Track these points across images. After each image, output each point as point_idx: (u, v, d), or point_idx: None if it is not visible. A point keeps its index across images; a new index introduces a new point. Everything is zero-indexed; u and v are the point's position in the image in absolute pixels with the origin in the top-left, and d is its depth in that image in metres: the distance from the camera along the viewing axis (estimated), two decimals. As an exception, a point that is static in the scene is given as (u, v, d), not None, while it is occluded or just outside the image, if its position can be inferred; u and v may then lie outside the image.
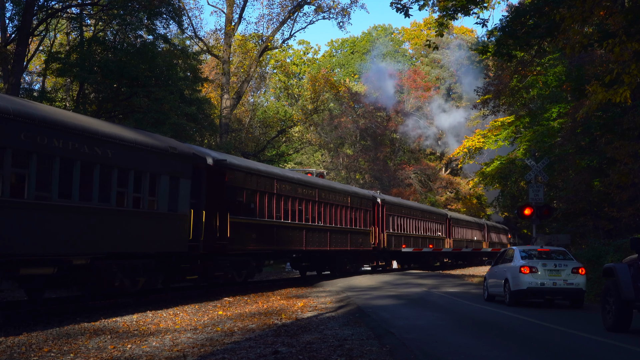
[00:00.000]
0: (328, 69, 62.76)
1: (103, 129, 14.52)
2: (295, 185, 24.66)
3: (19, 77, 25.93)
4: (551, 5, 18.40)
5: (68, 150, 13.10)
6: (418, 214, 40.30)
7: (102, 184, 14.29)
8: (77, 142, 13.35)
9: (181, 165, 16.98)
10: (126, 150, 14.89)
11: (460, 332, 12.07)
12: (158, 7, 29.66)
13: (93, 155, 13.86)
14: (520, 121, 37.45)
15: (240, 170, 20.71)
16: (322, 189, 27.27)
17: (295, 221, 24.46)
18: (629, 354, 10.02)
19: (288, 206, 23.99)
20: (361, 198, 31.81)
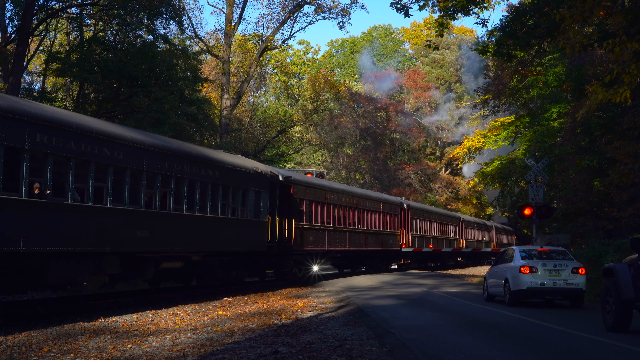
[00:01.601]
0: (328, 69, 62.75)
1: (213, 155, 19.47)
2: (340, 195, 29.16)
3: (19, 77, 25.93)
4: (551, 5, 18.39)
5: (194, 173, 17.70)
6: (436, 218, 43.93)
7: (212, 197, 18.49)
8: (201, 168, 18.09)
9: (262, 181, 21.41)
10: (228, 172, 19.41)
11: (460, 332, 12.07)
12: (158, 7, 29.65)
13: (208, 176, 18.32)
14: (520, 121, 37.44)
15: (301, 184, 25.30)
16: (360, 197, 31.55)
17: (341, 225, 28.91)
18: (629, 354, 10.02)
19: (335, 213, 28.37)
20: (391, 204, 35.74)
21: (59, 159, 13.22)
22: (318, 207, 26.59)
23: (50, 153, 12.87)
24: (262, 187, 21.35)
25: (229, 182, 19.34)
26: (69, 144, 13.33)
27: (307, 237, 25.30)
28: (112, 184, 14.64)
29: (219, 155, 19.71)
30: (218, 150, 21.40)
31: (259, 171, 21.29)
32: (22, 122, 12.16)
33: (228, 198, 19.35)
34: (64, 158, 13.30)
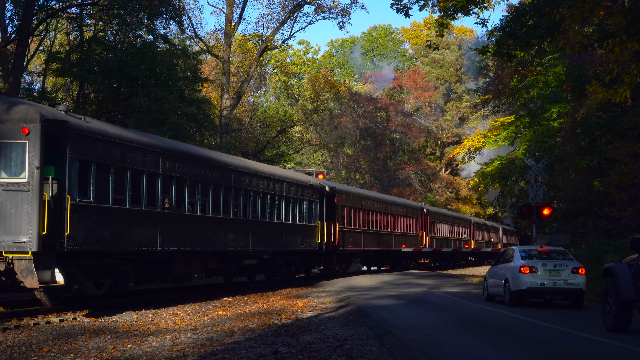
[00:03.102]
0: (328, 69, 62.68)
1: (279, 172, 24.11)
2: (373, 202, 33.31)
3: (19, 77, 25.93)
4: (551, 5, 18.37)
5: (266, 187, 21.85)
6: (451, 220, 47.71)
7: (275, 206, 22.62)
8: (271, 182, 22.28)
9: (313, 192, 25.69)
10: (290, 185, 23.63)
11: (460, 332, 12.07)
12: (158, 7, 29.62)
13: (276, 189, 22.64)
14: (520, 121, 37.42)
15: (343, 193, 29.74)
16: (389, 203, 35.84)
17: (374, 228, 32.65)
18: (629, 354, 10.02)
19: (369, 217, 32.23)
20: (413, 209, 39.89)
21: (179, 180, 17.34)
22: (356, 213, 30.65)
23: (173, 176, 17.03)
24: (314, 197, 25.67)
25: (290, 194, 23.68)
26: (185, 168, 17.55)
27: (348, 239, 29.32)
28: (212, 197, 18.76)
29: (283, 172, 24.71)
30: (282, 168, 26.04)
31: (310, 183, 25.57)
32: (158, 154, 16.41)
33: (289, 207, 23.58)
34: (181, 179, 17.44)
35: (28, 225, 12.67)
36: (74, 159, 13.60)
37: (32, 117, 12.91)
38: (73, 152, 13.58)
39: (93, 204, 14.15)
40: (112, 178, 14.74)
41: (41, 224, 12.69)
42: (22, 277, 12.73)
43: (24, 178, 12.82)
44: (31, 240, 12.61)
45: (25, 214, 12.71)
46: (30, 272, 12.62)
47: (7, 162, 12.98)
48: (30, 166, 12.79)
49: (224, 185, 19.33)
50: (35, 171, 12.77)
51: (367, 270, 35.35)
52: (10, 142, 12.94)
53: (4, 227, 12.75)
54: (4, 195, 12.82)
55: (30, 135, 12.84)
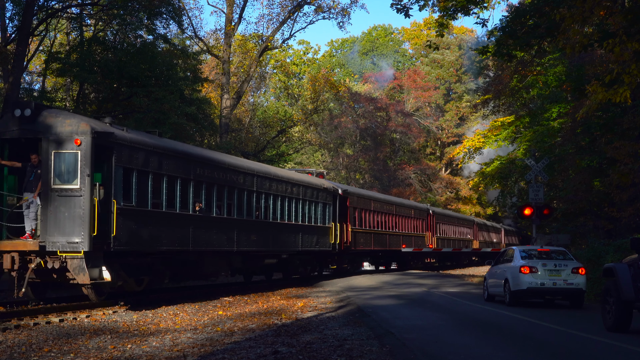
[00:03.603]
0: (328, 69, 62.63)
1: (296, 176, 25.36)
2: (382, 204, 34.58)
3: (19, 77, 25.92)
4: (551, 5, 18.37)
5: (284, 190, 23.25)
6: (455, 221, 49.02)
7: (293, 209, 23.95)
8: (289, 186, 23.67)
9: (327, 195, 27.07)
10: (306, 189, 25.06)
11: (461, 332, 12.07)
12: (158, 7, 29.61)
13: (293, 193, 24.02)
14: (520, 121, 37.39)
15: (355, 195, 31.09)
16: (397, 205, 37.29)
17: (383, 229, 34.06)
18: (629, 354, 10.02)
19: (378, 218, 33.54)
20: (420, 210, 41.22)
21: (208, 185, 18.65)
22: (366, 214, 32.01)
23: (203, 181, 18.36)
24: (327, 199, 27.04)
25: (306, 197, 25.05)
26: (213, 174, 18.85)
27: (359, 239, 30.70)
28: (237, 201, 20.18)
29: (299, 176, 25.91)
30: (298, 172, 27.03)
31: (325, 187, 26.97)
32: (189, 161, 17.86)
33: (305, 209, 24.97)
34: (210, 184, 18.75)
35: (80, 227, 14.05)
36: (118, 167, 14.98)
37: (83, 129, 14.29)
38: (118, 161, 14.97)
39: (135, 207, 15.55)
40: (151, 184, 16.14)
41: (92, 226, 14.08)
42: (75, 274, 14.04)
43: (76, 185, 14.19)
44: (83, 240, 14.00)
45: (78, 217, 14.08)
46: (82, 270, 13.97)
47: (61, 170, 14.30)
48: (82, 174, 14.18)
49: (247, 190, 20.79)
50: (86, 178, 14.17)
51: (375, 270, 36.58)
52: (63, 151, 14.30)
53: (59, 229, 14.09)
54: (58, 200, 14.14)
55: (81, 145, 14.20)
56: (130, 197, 15.41)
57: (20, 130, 14.60)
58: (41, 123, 14.49)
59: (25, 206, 14.77)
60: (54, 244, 14.09)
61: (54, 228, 14.12)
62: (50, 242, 14.12)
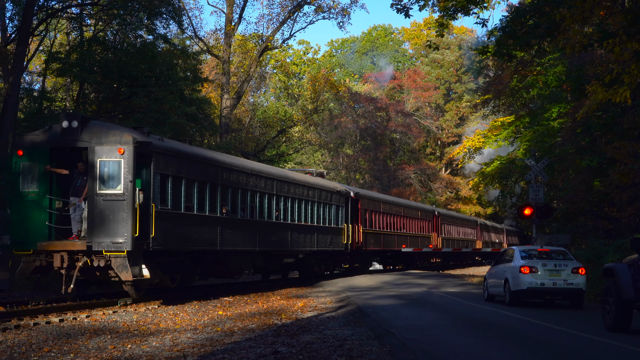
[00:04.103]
0: (328, 69, 62.63)
1: (313, 180, 26.57)
2: (391, 205, 36.08)
3: (19, 77, 25.91)
4: (551, 5, 18.37)
5: (302, 194, 24.75)
6: (459, 222, 50.28)
7: (309, 211, 25.41)
8: (306, 189, 25.10)
9: (340, 198, 28.46)
10: (320, 192, 26.51)
11: (460, 332, 12.07)
12: (158, 7, 29.60)
13: (309, 196, 25.44)
14: (520, 121, 37.39)
15: (365, 197, 32.46)
16: (405, 206, 39.01)
17: (391, 230, 35.47)
18: (629, 354, 10.02)
19: (389, 220, 35.05)
20: (426, 211, 42.59)
21: (233, 189, 20.01)
22: (376, 216, 33.36)
23: (229, 185, 19.69)
24: (340, 201, 28.45)
25: (321, 199, 26.53)
26: (238, 178, 20.26)
27: (370, 240, 32.07)
28: (259, 203, 21.55)
29: (314, 180, 27.05)
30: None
31: (338, 190, 28.47)
32: (217, 166, 19.25)
33: (320, 211, 26.42)
34: (235, 188, 20.10)
35: (123, 228, 15.28)
36: (156, 173, 16.36)
37: (126, 140, 15.56)
38: (156, 168, 16.34)
39: (170, 210, 16.92)
40: (184, 188, 17.50)
41: (134, 227, 15.32)
42: (118, 272, 15.26)
43: (120, 190, 15.46)
44: (126, 241, 15.24)
45: (121, 220, 15.32)
46: (125, 268, 15.19)
47: (106, 176, 15.62)
48: (125, 180, 15.46)
49: (268, 193, 22.21)
50: (129, 184, 15.44)
51: (383, 269, 37.64)
52: (108, 160, 15.59)
53: (104, 230, 15.36)
54: (103, 204, 15.45)
55: (124, 154, 15.48)
56: (166, 201, 16.80)
57: (68, 140, 15.88)
58: (87, 134, 15.75)
59: (72, 210, 16.12)
60: (100, 244, 15.32)
61: (100, 229, 15.38)
62: (96, 243, 15.33)
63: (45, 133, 16.30)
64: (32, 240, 15.70)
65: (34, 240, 15.70)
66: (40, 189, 16.06)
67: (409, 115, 66.30)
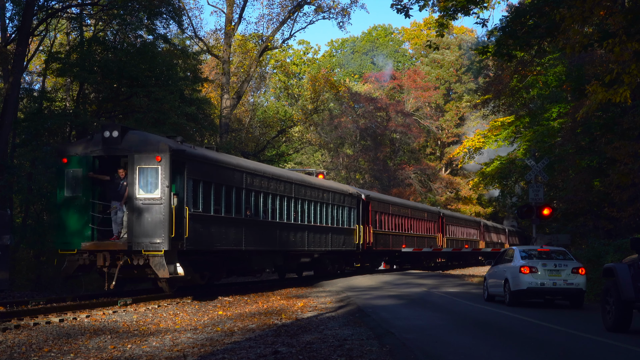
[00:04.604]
0: (328, 69, 62.59)
1: (327, 183, 28.30)
2: (399, 207, 37.48)
3: (19, 77, 25.90)
4: (551, 5, 18.37)
5: (317, 196, 26.06)
6: (463, 223, 51.46)
7: (324, 213, 26.61)
8: (321, 192, 26.43)
9: (352, 200, 29.75)
10: (334, 195, 27.87)
11: (460, 332, 12.08)
12: (158, 7, 29.57)
13: (324, 198, 26.71)
14: (520, 121, 37.39)
15: (376, 200, 33.82)
16: (412, 208, 40.35)
17: (399, 231, 36.82)
18: (629, 354, 10.02)
19: (397, 221, 36.43)
20: (432, 213, 43.88)
21: (256, 192, 21.34)
22: (385, 217, 34.63)
23: (252, 189, 21.03)
24: (352, 204, 29.69)
25: (335, 201, 27.79)
26: (260, 183, 21.55)
27: (379, 240, 33.37)
28: (279, 206, 22.85)
29: (329, 183, 29.18)
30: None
31: (350, 192, 29.82)
32: (242, 172, 20.50)
33: (334, 213, 27.71)
34: (258, 192, 21.43)
35: (161, 230, 16.50)
36: (189, 179, 17.57)
37: (163, 148, 16.76)
38: (189, 174, 17.55)
39: (201, 213, 18.11)
40: (213, 192, 18.70)
41: (170, 229, 16.55)
42: (156, 270, 16.41)
43: (157, 194, 16.67)
44: (163, 241, 16.46)
45: (159, 222, 16.53)
46: (162, 266, 16.38)
47: (145, 182, 16.79)
48: (162, 185, 16.67)
49: (287, 196, 23.51)
50: (166, 189, 16.66)
51: (391, 269, 38.92)
52: (147, 167, 16.79)
53: (143, 231, 16.53)
54: (142, 208, 16.66)
55: (161, 162, 16.68)
56: (197, 204, 17.99)
57: (108, 148, 17.10)
58: (126, 143, 16.95)
59: (113, 213, 17.30)
60: (139, 244, 16.50)
61: (139, 231, 16.55)
62: (136, 243, 16.51)
63: (87, 142, 17.55)
64: (77, 241, 16.91)
65: (79, 241, 16.91)
66: (84, 194, 17.23)
67: (409, 115, 66.28)
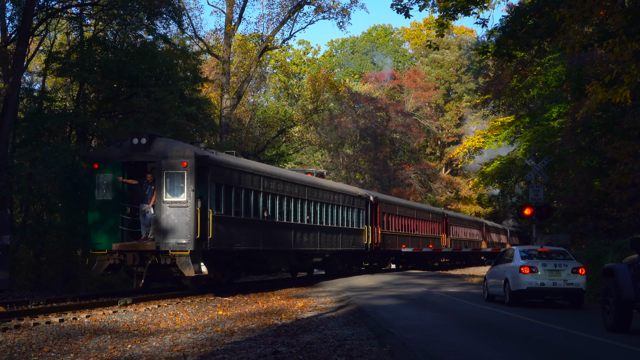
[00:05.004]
0: (328, 69, 62.57)
1: (337, 185, 30.26)
2: (405, 209, 38.88)
3: (19, 77, 25.89)
4: (551, 5, 18.37)
5: (327, 198, 27.07)
6: (465, 223, 52.51)
7: (334, 214, 27.81)
8: (331, 194, 27.49)
9: (361, 201, 30.94)
10: (344, 196, 29.03)
11: (461, 332, 12.08)
12: (158, 7, 29.54)
13: (334, 200, 27.73)
14: (520, 121, 37.40)
15: (384, 202, 35.07)
16: (417, 209, 41.53)
17: (406, 232, 38.03)
18: (629, 354, 10.02)
19: (403, 222, 37.72)
20: (436, 214, 44.93)
21: (272, 195, 22.45)
22: (393, 218, 35.89)
23: (269, 192, 22.11)
24: (361, 205, 30.83)
25: (345, 203, 28.92)
26: (277, 186, 22.71)
27: (387, 240, 34.57)
28: (293, 208, 23.97)
29: (339, 185, 30.75)
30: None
31: (359, 194, 30.96)
32: (259, 176, 21.56)
33: (344, 214, 28.76)
34: (274, 195, 22.55)
35: (187, 231, 17.52)
36: (212, 183, 18.63)
37: (188, 155, 17.77)
38: (212, 178, 18.60)
39: (223, 215, 19.14)
40: (233, 195, 19.78)
41: (195, 230, 17.57)
42: (182, 269, 17.43)
43: (183, 198, 17.71)
44: (189, 242, 17.50)
45: (185, 223, 17.55)
46: (188, 265, 17.40)
47: (172, 186, 17.84)
48: (187, 189, 17.68)
49: (301, 198, 24.62)
50: (191, 193, 17.68)
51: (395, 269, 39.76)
52: (173, 172, 17.82)
53: (170, 232, 17.57)
54: (169, 210, 17.69)
55: (187, 167, 17.67)
56: (220, 207, 19.01)
57: (137, 155, 18.13)
58: (154, 149, 18.01)
59: (142, 215, 18.26)
60: (166, 245, 17.55)
61: (166, 232, 17.61)
62: (163, 244, 17.55)
63: (117, 148, 18.53)
64: (108, 242, 17.97)
65: (109, 241, 17.95)
66: (114, 197, 18.27)
67: (409, 115, 66.27)
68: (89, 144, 30.63)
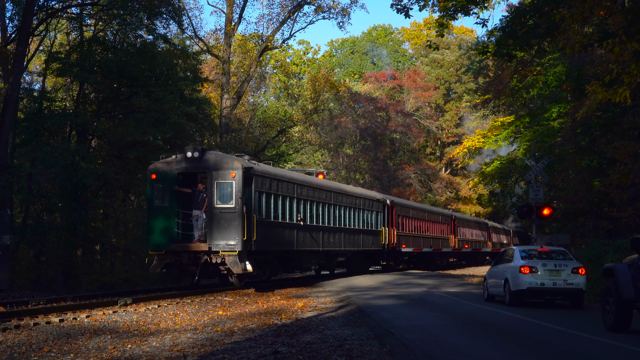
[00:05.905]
0: (328, 69, 62.55)
1: (358, 190, 32.20)
2: (418, 211, 41.05)
3: (19, 77, 25.90)
4: (551, 5, 18.38)
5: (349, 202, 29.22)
6: (472, 224, 54.39)
7: (356, 217, 29.82)
8: (352, 199, 29.56)
9: (379, 205, 33.05)
10: (364, 201, 31.11)
11: (461, 332, 12.07)
12: (158, 7, 29.57)
13: (355, 204, 29.83)
14: (520, 121, 37.40)
15: (398, 205, 37.09)
16: (428, 212, 43.48)
17: (419, 233, 40.07)
18: (629, 354, 10.02)
19: (417, 223, 39.96)
20: (446, 216, 47.02)
21: (304, 201, 24.65)
22: (407, 220, 38.09)
23: (302, 198, 24.38)
24: (379, 208, 32.95)
25: (365, 207, 31.08)
26: (308, 192, 24.95)
27: (402, 241, 36.53)
28: (321, 212, 26.18)
29: (360, 190, 33.01)
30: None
31: (377, 198, 33.04)
32: (293, 183, 23.85)
33: (364, 216, 30.89)
34: (305, 200, 24.77)
35: (235, 234, 19.63)
36: (255, 191, 20.82)
37: (236, 166, 19.91)
38: (255, 186, 20.81)
39: (264, 219, 21.35)
40: (272, 202, 22.04)
41: (242, 233, 19.65)
42: (231, 267, 19.54)
43: (232, 204, 19.84)
44: (237, 243, 19.60)
45: (233, 227, 19.64)
46: (236, 264, 19.50)
47: (222, 194, 19.94)
48: (235, 197, 19.85)
49: (328, 203, 26.85)
50: (239, 200, 19.83)
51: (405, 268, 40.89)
52: (223, 182, 19.98)
53: (220, 235, 19.65)
54: (219, 215, 19.78)
55: (235, 177, 19.83)
56: (261, 212, 21.21)
57: (190, 166, 20.33)
58: (205, 162, 20.17)
59: (195, 220, 20.41)
60: (217, 246, 19.63)
61: (217, 235, 19.67)
62: (214, 245, 19.65)
63: (173, 161, 20.61)
64: (166, 244, 20.04)
65: (167, 243, 20.03)
66: (170, 204, 20.36)
67: (409, 115, 66.25)
68: (89, 144, 30.63)
